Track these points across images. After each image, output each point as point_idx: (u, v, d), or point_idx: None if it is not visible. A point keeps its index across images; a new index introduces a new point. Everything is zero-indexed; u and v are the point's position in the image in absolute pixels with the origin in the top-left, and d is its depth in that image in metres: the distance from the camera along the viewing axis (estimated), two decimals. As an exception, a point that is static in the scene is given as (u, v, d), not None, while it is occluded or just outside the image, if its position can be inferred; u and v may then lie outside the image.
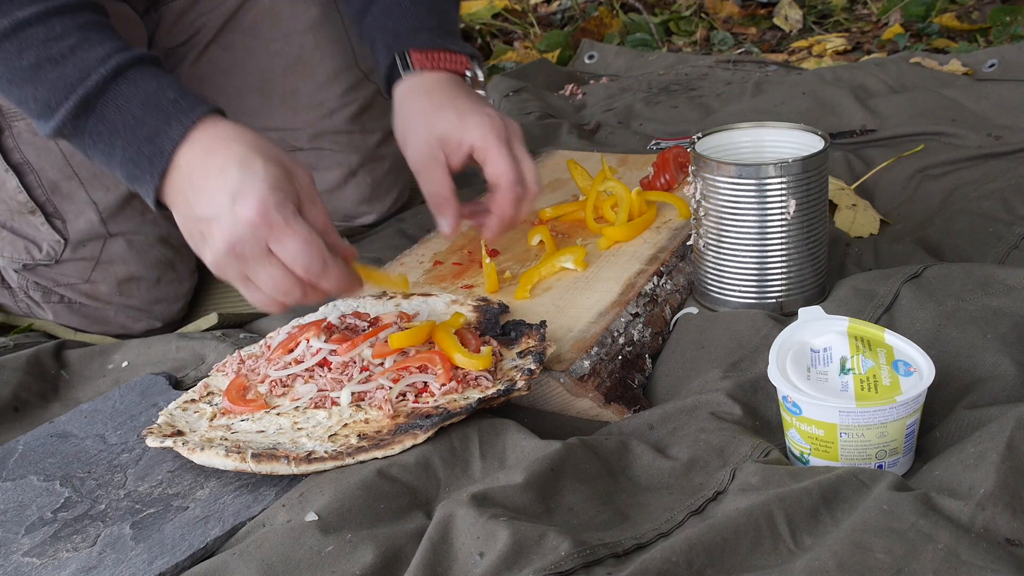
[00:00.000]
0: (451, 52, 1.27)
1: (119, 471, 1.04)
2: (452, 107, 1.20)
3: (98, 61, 1.03)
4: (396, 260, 1.37)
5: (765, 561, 0.81)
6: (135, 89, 1.03)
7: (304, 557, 0.87)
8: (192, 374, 1.22)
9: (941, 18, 2.52)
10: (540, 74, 2.34)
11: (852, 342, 0.96)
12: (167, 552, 0.91)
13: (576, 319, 1.16)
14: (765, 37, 2.68)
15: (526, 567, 0.80)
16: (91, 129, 1.04)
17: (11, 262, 1.41)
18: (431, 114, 1.21)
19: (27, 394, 1.24)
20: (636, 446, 0.98)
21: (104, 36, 1.05)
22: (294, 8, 1.51)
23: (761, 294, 1.18)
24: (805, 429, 0.93)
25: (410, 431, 0.98)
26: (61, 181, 1.36)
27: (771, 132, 1.24)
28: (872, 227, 1.46)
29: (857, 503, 0.84)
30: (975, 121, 1.76)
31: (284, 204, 0.98)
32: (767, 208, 1.14)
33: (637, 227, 1.33)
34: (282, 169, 1.01)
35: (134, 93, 1.03)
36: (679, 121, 1.97)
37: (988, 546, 0.76)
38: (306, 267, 0.99)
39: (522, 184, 1.18)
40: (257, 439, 1.01)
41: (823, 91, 1.94)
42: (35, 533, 0.97)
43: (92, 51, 1.03)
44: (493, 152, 1.17)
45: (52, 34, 1.03)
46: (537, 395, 1.09)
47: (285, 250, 0.98)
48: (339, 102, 1.54)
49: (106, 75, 1.02)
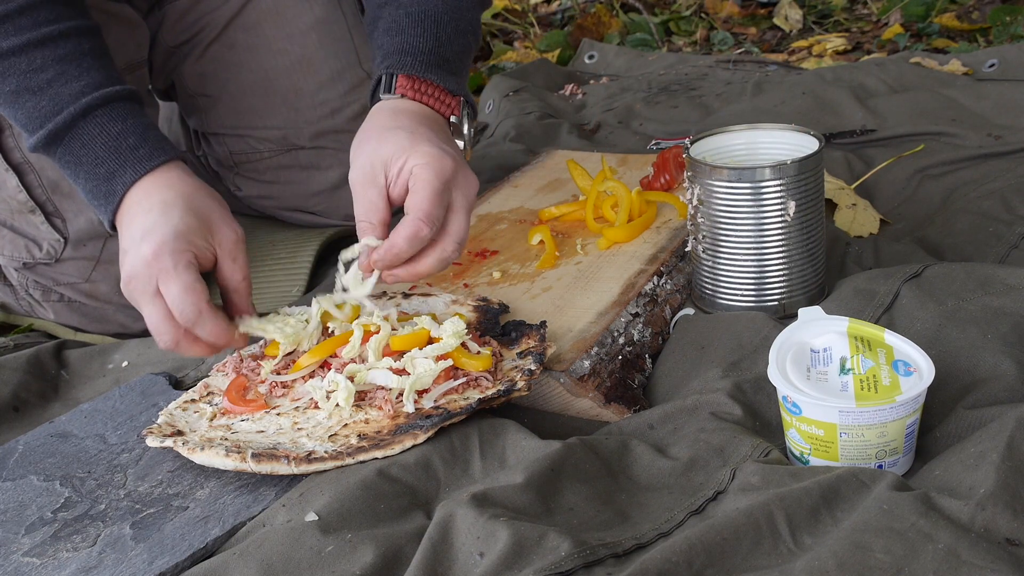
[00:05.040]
0: (439, 88, 1.17)
1: (119, 471, 1.04)
2: (408, 131, 1.10)
3: (71, 97, 1.10)
4: (396, 260, 1.37)
5: (765, 561, 0.81)
6: (99, 130, 1.10)
7: (304, 557, 0.87)
8: (192, 374, 1.22)
9: (941, 18, 2.52)
10: (540, 74, 2.34)
11: (852, 342, 0.96)
12: (167, 552, 0.91)
13: (576, 319, 1.16)
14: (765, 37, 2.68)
15: (526, 567, 0.80)
16: (59, 157, 1.12)
17: (11, 261, 1.41)
18: (384, 133, 1.11)
19: (27, 394, 1.24)
20: (636, 446, 0.98)
21: (83, 70, 1.12)
22: (297, 7, 1.51)
23: (760, 297, 1.18)
24: (805, 429, 0.93)
25: (410, 431, 0.98)
26: (61, 180, 1.36)
27: (765, 134, 1.24)
28: (872, 227, 1.46)
29: (857, 503, 0.84)
30: (975, 121, 1.76)
31: (180, 252, 1.04)
32: (764, 211, 1.14)
33: (637, 227, 1.33)
34: (200, 223, 1.07)
35: (98, 134, 1.10)
36: (679, 121, 1.97)
37: (988, 546, 0.76)
38: (180, 312, 1.04)
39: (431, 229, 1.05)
40: (257, 439, 1.01)
41: (823, 91, 1.94)
42: (35, 533, 0.97)
43: (67, 86, 1.10)
44: (421, 183, 1.05)
45: (32, 65, 1.11)
46: (537, 395, 1.09)
47: (168, 293, 1.04)
48: (341, 101, 1.54)
49: (75, 113, 1.10)
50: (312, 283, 1.48)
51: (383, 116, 1.14)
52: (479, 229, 1.43)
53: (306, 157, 1.56)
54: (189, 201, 1.08)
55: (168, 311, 1.05)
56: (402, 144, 1.08)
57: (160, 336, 1.06)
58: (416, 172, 1.06)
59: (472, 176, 1.10)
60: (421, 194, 1.05)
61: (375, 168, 1.08)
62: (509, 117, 2.04)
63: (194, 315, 1.04)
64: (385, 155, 1.08)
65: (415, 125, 1.11)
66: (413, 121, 1.12)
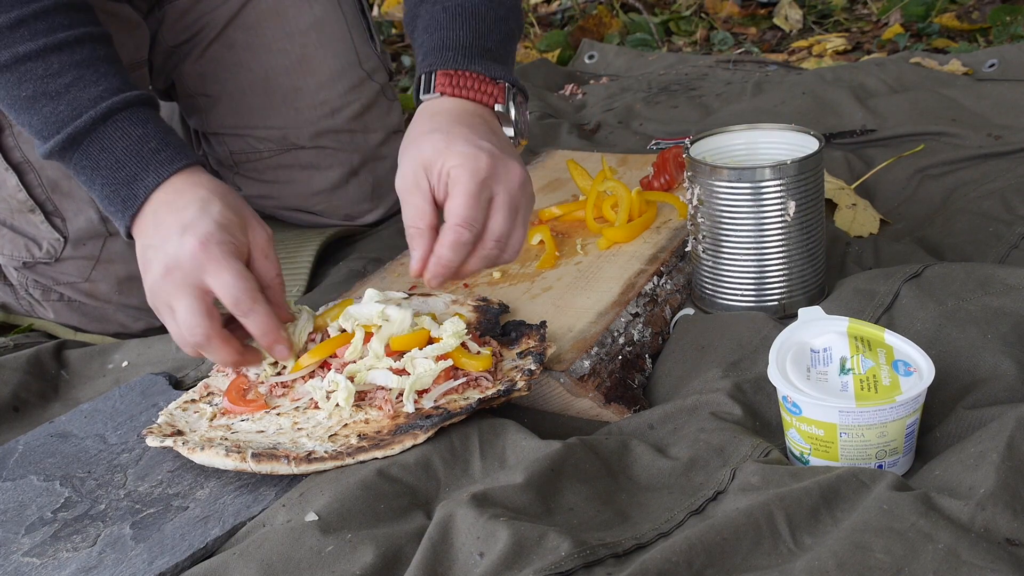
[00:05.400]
0: (479, 76, 1.14)
1: (119, 471, 1.04)
2: (446, 132, 1.08)
3: (91, 101, 1.08)
4: (396, 260, 1.37)
5: (765, 561, 0.81)
6: (121, 134, 1.08)
7: (304, 557, 0.87)
8: (192, 374, 1.22)
9: (941, 18, 2.52)
10: (540, 74, 2.34)
11: (852, 342, 0.96)
12: (167, 552, 0.91)
13: (576, 319, 1.16)
14: (765, 37, 2.68)
15: (526, 567, 0.80)
16: (76, 162, 1.10)
17: (11, 260, 1.41)
18: (422, 137, 1.10)
19: (27, 394, 1.24)
20: (636, 446, 0.98)
21: (100, 75, 1.10)
22: (297, 7, 1.51)
23: (760, 297, 1.18)
24: (805, 429, 0.93)
25: (410, 431, 0.98)
26: (61, 180, 1.36)
27: (765, 134, 1.24)
28: (872, 226, 1.46)
29: (857, 503, 0.84)
30: (975, 121, 1.76)
31: (226, 243, 1.03)
32: (764, 211, 1.14)
33: (637, 227, 1.33)
34: (238, 218, 1.06)
35: (119, 138, 1.08)
36: (679, 121, 1.97)
37: (988, 546, 0.76)
38: (236, 299, 1.02)
39: (474, 231, 1.04)
40: (257, 439, 1.01)
41: (823, 91, 1.94)
42: (35, 533, 0.97)
43: (86, 91, 1.08)
44: (458, 186, 1.04)
45: (50, 70, 1.08)
46: (537, 395, 1.09)
47: (218, 280, 1.02)
48: (341, 101, 1.54)
49: (95, 117, 1.08)
50: (312, 283, 1.48)
51: (422, 120, 1.13)
52: (479, 229, 1.42)
53: (306, 157, 1.56)
54: (225, 198, 1.07)
55: (208, 306, 1.02)
56: (438, 147, 1.07)
57: (195, 330, 1.02)
58: (452, 174, 1.05)
59: (515, 167, 1.07)
60: (458, 199, 1.04)
61: (417, 174, 1.07)
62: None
63: (249, 303, 1.02)
64: (425, 160, 1.07)
65: (451, 125, 1.09)
66: (449, 121, 1.10)
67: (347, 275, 1.43)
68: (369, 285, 1.30)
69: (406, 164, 1.10)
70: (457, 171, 1.05)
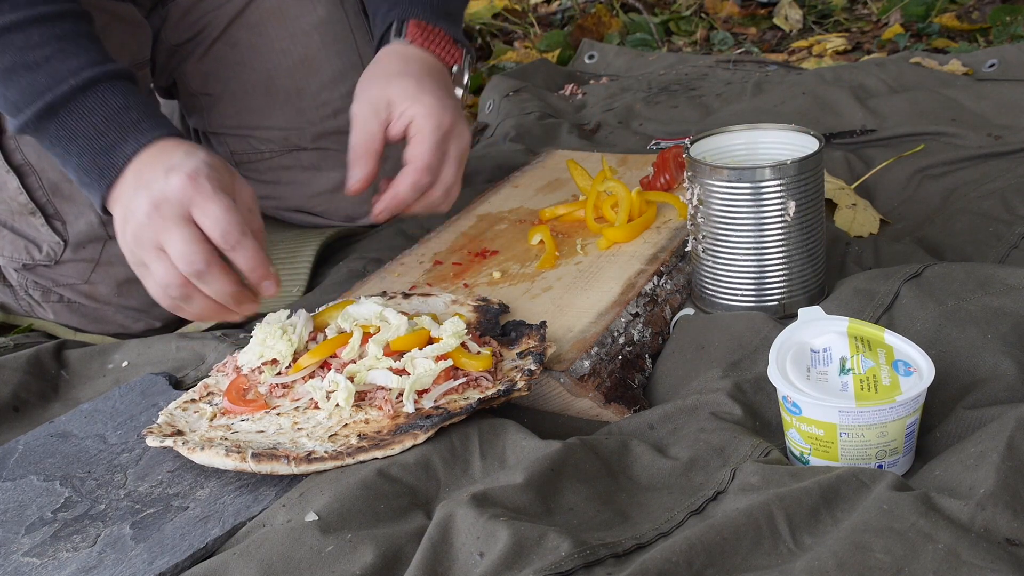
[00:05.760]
0: (446, 36, 1.24)
1: (119, 471, 1.04)
2: (416, 79, 1.17)
3: (70, 72, 1.07)
4: (396, 260, 1.37)
5: (765, 561, 0.81)
6: (101, 104, 1.07)
7: (304, 557, 0.87)
8: (192, 374, 1.22)
9: (941, 18, 2.52)
10: (540, 74, 2.34)
11: (852, 342, 0.96)
12: (167, 552, 0.91)
13: (576, 319, 1.16)
14: (765, 37, 2.68)
15: (526, 567, 0.80)
16: (52, 132, 1.08)
17: (11, 262, 1.41)
18: (392, 78, 1.18)
19: (27, 394, 1.24)
20: (636, 446, 0.98)
21: (80, 48, 1.09)
22: (300, 7, 1.51)
23: (760, 297, 1.18)
24: (805, 429, 0.93)
25: (410, 431, 0.98)
26: (62, 183, 1.36)
27: (765, 134, 1.24)
28: (872, 226, 1.46)
29: (857, 503, 0.84)
30: (975, 121, 1.76)
31: (215, 178, 1.01)
32: (764, 211, 1.14)
33: (637, 227, 1.33)
34: (226, 168, 1.06)
35: (99, 107, 1.07)
36: (679, 121, 1.97)
37: (988, 546, 0.76)
38: (224, 232, 1.00)
39: (432, 178, 1.15)
40: (257, 439, 1.01)
41: (823, 91, 1.94)
42: (35, 533, 0.97)
43: (66, 62, 1.08)
44: (423, 134, 1.14)
45: (30, 42, 1.08)
46: (537, 395, 1.09)
47: (205, 214, 1.00)
48: (344, 102, 1.53)
49: (75, 86, 1.07)
50: (312, 283, 1.48)
51: (393, 60, 1.20)
52: (479, 229, 1.43)
53: (308, 158, 1.56)
54: (208, 152, 1.06)
55: (198, 236, 1.00)
56: (408, 91, 1.15)
57: (193, 259, 1.00)
58: (417, 122, 1.12)
59: (466, 130, 1.18)
60: (423, 146, 1.12)
61: (378, 105, 1.15)
62: (509, 117, 2.04)
63: (239, 235, 1.01)
64: (391, 97, 1.15)
65: (422, 74, 1.17)
66: (421, 70, 1.18)
67: (347, 275, 1.43)
68: (369, 285, 1.30)
69: (370, 92, 1.17)
70: (423, 120, 1.12)
